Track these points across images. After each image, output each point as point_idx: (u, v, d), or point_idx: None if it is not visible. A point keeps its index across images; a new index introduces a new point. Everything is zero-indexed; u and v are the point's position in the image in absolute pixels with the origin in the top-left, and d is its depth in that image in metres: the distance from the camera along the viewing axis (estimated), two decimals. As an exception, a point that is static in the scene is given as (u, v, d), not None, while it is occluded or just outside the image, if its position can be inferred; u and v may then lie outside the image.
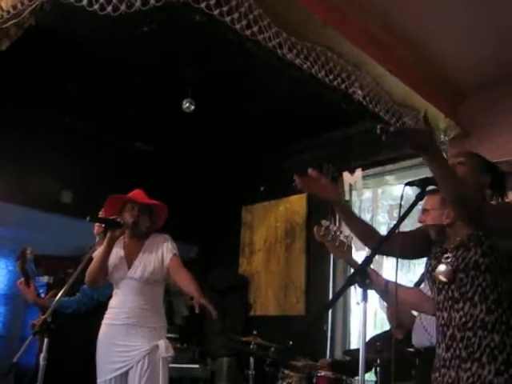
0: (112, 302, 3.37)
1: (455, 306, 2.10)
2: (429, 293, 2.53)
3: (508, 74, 4.42)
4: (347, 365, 4.44)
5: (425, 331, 2.89)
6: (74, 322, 3.65)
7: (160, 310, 3.43)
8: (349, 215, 2.36)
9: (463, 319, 2.05)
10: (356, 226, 2.35)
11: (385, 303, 4.45)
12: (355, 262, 2.61)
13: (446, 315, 2.12)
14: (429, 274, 2.23)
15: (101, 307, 3.63)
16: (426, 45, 4.16)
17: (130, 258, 3.36)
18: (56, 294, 3.66)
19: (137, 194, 3.45)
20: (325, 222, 2.52)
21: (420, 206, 2.33)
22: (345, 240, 2.55)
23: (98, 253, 3.30)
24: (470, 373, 1.99)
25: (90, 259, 3.29)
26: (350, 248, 2.59)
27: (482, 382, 1.96)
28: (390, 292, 2.40)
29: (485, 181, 2.17)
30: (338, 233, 2.53)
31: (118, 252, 3.38)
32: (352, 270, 2.00)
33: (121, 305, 3.31)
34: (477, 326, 2.02)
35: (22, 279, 3.89)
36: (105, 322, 3.35)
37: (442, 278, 2.15)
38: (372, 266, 2.11)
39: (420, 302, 2.59)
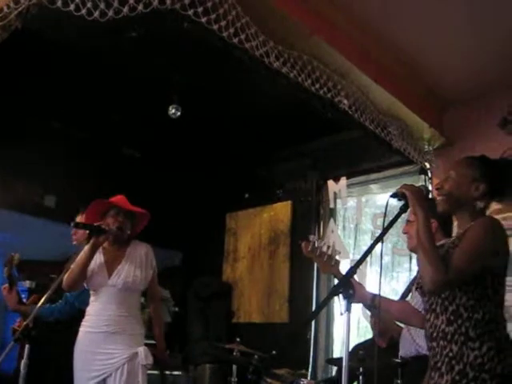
0: (90, 309, 3.32)
1: (427, 317, 2.17)
2: (416, 306, 2.57)
3: (492, 86, 4.49)
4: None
5: (413, 341, 2.91)
6: (56, 330, 3.60)
7: (138, 317, 3.39)
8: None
9: (430, 330, 2.13)
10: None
11: (368, 312, 4.48)
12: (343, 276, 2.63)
13: (426, 327, 2.19)
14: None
15: (82, 316, 3.62)
16: (412, 56, 4.21)
17: (110, 265, 3.32)
18: (37, 299, 3.63)
19: (120, 199, 3.42)
20: (313, 238, 2.55)
21: (404, 216, 2.37)
22: (333, 255, 2.57)
23: (78, 258, 3.21)
24: (433, 382, 2.07)
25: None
26: (337, 262, 2.62)
27: None
28: (376, 306, 2.42)
29: (478, 191, 2.18)
30: (326, 248, 2.56)
31: (97, 258, 3.32)
32: (336, 280, 2.02)
33: (100, 312, 3.26)
34: (439, 336, 2.08)
35: (6, 285, 3.85)
36: (82, 329, 3.30)
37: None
38: (356, 276, 2.11)
39: (408, 315, 2.61)
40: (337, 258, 2.61)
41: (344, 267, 2.62)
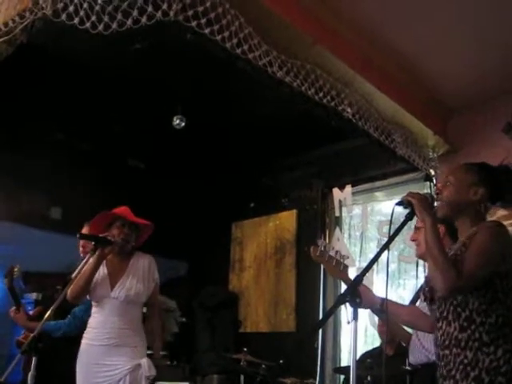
0: (92, 322, 3.31)
1: (438, 325, 2.16)
2: (425, 310, 2.56)
3: (496, 92, 4.49)
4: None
5: (422, 347, 2.88)
6: (63, 344, 3.59)
7: (140, 330, 3.37)
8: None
9: (442, 338, 2.11)
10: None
11: (376, 319, 4.47)
12: (351, 281, 2.62)
13: (437, 335, 2.17)
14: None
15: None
16: (415, 63, 4.21)
17: (113, 278, 3.32)
18: (42, 311, 3.63)
19: (124, 210, 3.42)
20: (321, 242, 2.54)
21: (410, 224, 2.36)
22: (341, 260, 2.56)
23: (83, 270, 3.16)
24: None
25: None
26: (346, 267, 2.61)
27: None
28: (385, 310, 2.41)
29: (476, 196, 2.18)
30: (334, 253, 2.55)
31: (100, 270, 3.30)
32: (343, 288, 2.02)
33: (101, 325, 3.25)
34: (452, 344, 2.06)
35: (14, 308, 3.86)
36: (84, 341, 3.28)
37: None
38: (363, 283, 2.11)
39: (415, 319, 2.60)
40: (345, 262, 2.60)
41: (351, 275, 2.62)
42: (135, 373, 3.18)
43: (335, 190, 5.80)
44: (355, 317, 1.79)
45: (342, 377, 4.79)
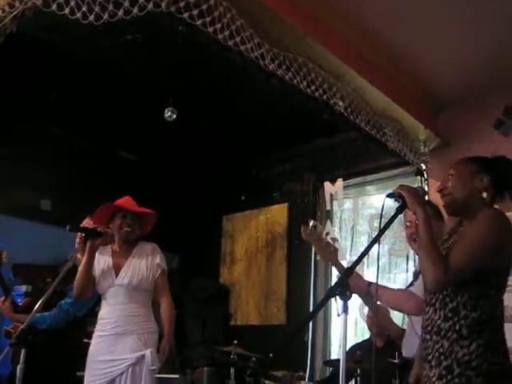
0: (101, 313, 3.33)
1: (426, 309, 2.19)
2: (417, 292, 2.56)
3: (487, 87, 4.50)
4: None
5: (417, 337, 2.86)
6: (50, 337, 3.58)
7: (150, 315, 3.37)
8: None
9: (426, 322, 2.15)
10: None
11: (365, 311, 4.48)
12: (341, 265, 2.63)
13: (423, 318, 2.21)
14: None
15: (78, 323, 3.61)
16: (407, 58, 4.22)
17: (117, 266, 3.33)
18: (31, 302, 3.62)
19: (127, 200, 3.43)
20: (313, 222, 2.54)
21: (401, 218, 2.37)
22: (331, 242, 2.57)
23: (81, 265, 3.25)
24: (425, 373, 2.12)
25: (70, 269, 3.25)
26: (336, 250, 2.62)
27: (430, 383, 2.07)
28: (371, 293, 2.42)
29: (482, 183, 2.16)
30: (325, 235, 2.57)
31: (106, 260, 3.35)
32: (334, 281, 2.02)
33: (109, 314, 3.26)
34: (434, 330, 2.10)
35: (2, 298, 3.84)
36: (95, 333, 3.31)
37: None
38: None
39: (403, 301, 2.61)
40: (336, 245, 2.61)
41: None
42: (138, 365, 3.16)
43: (326, 184, 5.79)
44: (345, 310, 1.79)
45: (331, 369, 4.81)
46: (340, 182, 5.67)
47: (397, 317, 3.58)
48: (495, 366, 1.98)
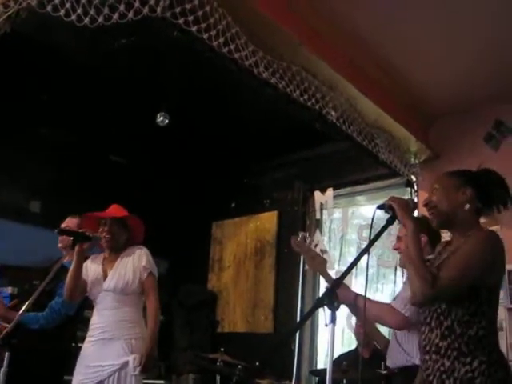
0: (92, 319, 3.34)
1: (422, 330, 2.17)
2: (403, 310, 2.58)
3: (478, 99, 4.53)
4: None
5: (401, 349, 2.87)
6: (38, 340, 3.55)
7: (140, 320, 3.36)
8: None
9: (424, 342, 2.13)
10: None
11: (352, 321, 4.49)
12: (329, 276, 2.65)
13: (420, 339, 2.19)
14: None
15: (69, 322, 3.58)
16: (399, 69, 4.24)
17: (105, 272, 3.35)
18: (18, 304, 3.58)
19: (113, 209, 3.44)
20: (302, 234, 2.58)
21: (391, 229, 2.38)
22: (320, 253, 2.60)
23: (70, 269, 3.26)
24: None
25: (58, 271, 3.23)
26: (325, 261, 2.65)
27: None
28: (358, 306, 2.44)
29: (465, 195, 2.18)
30: (314, 246, 2.60)
31: (96, 268, 3.37)
32: (322, 290, 2.03)
33: (99, 320, 3.27)
34: (432, 350, 2.08)
35: None
36: (86, 339, 3.31)
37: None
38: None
39: (384, 314, 2.62)
40: (324, 257, 2.64)
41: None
42: (122, 371, 3.15)
43: (317, 193, 5.81)
44: (333, 320, 1.79)
45: (317, 378, 4.80)
46: (330, 192, 5.68)
47: (384, 328, 3.58)
48: (498, 382, 1.97)
